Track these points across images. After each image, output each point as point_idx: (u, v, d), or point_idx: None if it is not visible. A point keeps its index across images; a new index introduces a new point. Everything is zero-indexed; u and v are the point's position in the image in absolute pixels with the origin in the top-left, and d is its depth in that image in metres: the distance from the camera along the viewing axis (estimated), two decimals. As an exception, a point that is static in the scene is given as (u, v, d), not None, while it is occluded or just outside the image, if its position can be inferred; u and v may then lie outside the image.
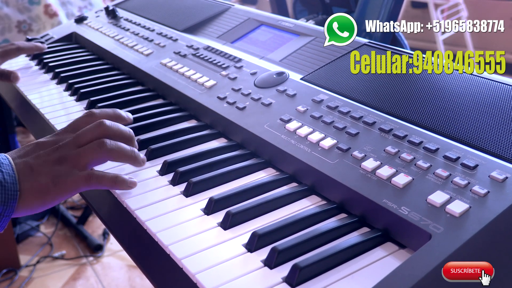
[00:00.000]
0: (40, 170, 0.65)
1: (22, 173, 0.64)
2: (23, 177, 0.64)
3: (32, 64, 1.27)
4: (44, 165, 0.65)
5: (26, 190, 0.63)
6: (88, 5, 2.50)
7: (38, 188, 0.64)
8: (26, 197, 0.63)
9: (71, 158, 0.67)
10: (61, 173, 0.65)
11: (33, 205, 0.64)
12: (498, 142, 0.63)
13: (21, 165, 0.65)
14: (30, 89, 1.12)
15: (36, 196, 0.64)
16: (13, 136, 1.66)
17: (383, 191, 0.60)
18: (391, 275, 0.50)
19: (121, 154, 0.70)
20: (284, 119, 0.77)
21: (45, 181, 0.64)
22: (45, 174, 0.65)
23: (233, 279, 0.54)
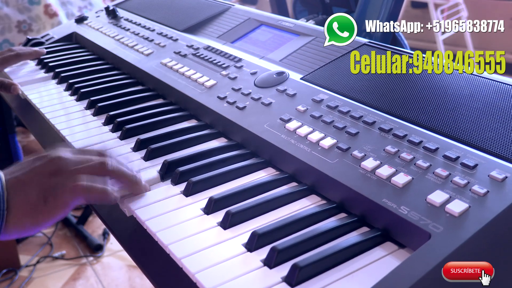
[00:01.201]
0: (31, 183, 0.61)
1: (13, 188, 0.60)
2: (13, 193, 0.60)
3: (32, 64, 1.27)
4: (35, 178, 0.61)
5: (17, 208, 0.59)
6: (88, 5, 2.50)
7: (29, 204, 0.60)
8: (17, 216, 0.59)
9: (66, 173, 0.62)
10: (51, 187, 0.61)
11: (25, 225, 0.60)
12: (497, 141, 0.63)
13: (12, 180, 0.61)
14: (30, 88, 1.12)
15: (27, 215, 0.59)
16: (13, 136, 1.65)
17: (382, 191, 0.60)
18: (391, 274, 0.50)
19: (122, 176, 0.67)
20: (284, 118, 0.77)
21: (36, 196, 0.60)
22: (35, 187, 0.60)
23: (233, 278, 0.54)
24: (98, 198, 0.64)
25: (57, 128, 0.92)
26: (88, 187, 0.62)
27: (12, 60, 1.17)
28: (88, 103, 1.00)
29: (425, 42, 3.56)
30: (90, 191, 0.63)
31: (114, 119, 0.91)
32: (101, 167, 0.65)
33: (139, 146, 0.83)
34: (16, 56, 1.17)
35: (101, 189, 0.64)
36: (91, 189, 0.63)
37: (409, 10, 3.83)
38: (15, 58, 1.17)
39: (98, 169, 0.65)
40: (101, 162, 0.65)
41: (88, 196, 0.63)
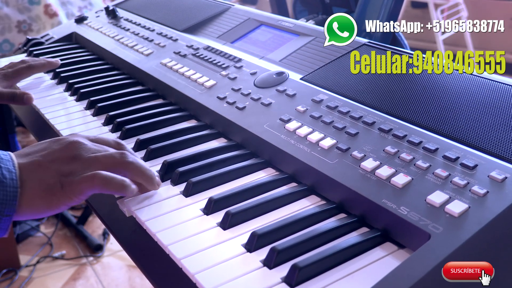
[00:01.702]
0: (48, 166, 0.61)
1: (28, 169, 0.60)
2: (28, 173, 0.60)
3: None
4: (53, 162, 0.61)
5: (31, 188, 0.59)
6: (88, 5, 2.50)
7: (44, 186, 0.59)
8: (31, 196, 0.59)
9: (84, 159, 0.62)
10: (69, 172, 0.61)
11: (38, 206, 0.60)
12: (497, 142, 0.63)
13: (28, 161, 0.61)
14: (30, 89, 1.12)
15: (41, 196, 0.59)
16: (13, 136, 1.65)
17: (382, 191, 0.60)
18: (390, 275, 0.50)
19: (138, 170, 0.66)
20: (284, 119, 0.77)
21: (52, 179, 0.60)
22: (53, 170, 0.60)
23: (233, 279, 0.54)
24: (116, 189, 0.63)
25: (57, 128, 0.92)
26: (107, 178, 0.62)
27: (25, 72, 1.10)
28: (88, 103, 1.00)
29: (425, 42, 3.56)
30: (109, 182, 0.62)
31: (114, 119, 0.91)
32: (121, 158, 0.64)
33: (139, 147, 0.83)
34: (28, 68, 1.10)
35: (120, 180, 0.63)
36: (111, 180, 0.62)
37: (409, 10, 3.83)
38: (27, 70, 1.10)
39: (118, 160, 0.64)
40: (121, 152, 0.65)
41: (107, 187, 0.62)
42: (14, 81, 1.09)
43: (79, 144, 0.64)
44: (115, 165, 0.64)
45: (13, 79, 1.08)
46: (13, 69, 1.09)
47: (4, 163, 0.59)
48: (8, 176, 0.58)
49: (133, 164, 0.65)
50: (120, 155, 0.64)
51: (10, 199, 0.58)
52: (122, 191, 0.64)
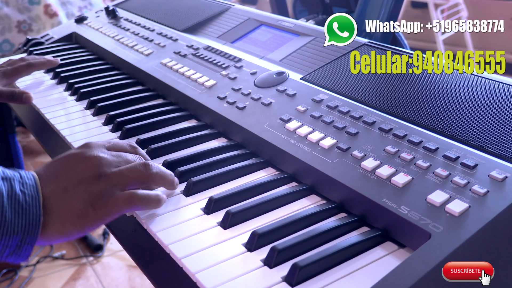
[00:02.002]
0: (76, 190, 0.58)
1: (55, 194, 0.57)
2: (55, 199, 0.57)
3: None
4: (80, 185, 0.58)
5: (60, 215, 0.56)
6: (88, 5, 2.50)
7: (74, 211, 0.57)
8: (61, 222, 0.56)
9: (112, 176, 0.60)
10: (99, 193, 0.59)
11: (70, 231, 0.57)
12: (497, 141, 0.63)
13: (51, 184, 0.58)
14: (30, 88, 1.12)
15: (72, 221, 0.57)
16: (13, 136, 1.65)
17: (382, 191, 0.60)
18: (391, 274, 0.50)
19: (163, 179, 0.65)
20: (284, 118, 0.77)
21: (82, 203, 0.57)
22: (81, 194, 0.58)
23: (233, 278, 0.54)
24: (153, 206, 0.63)
25: (57, 128, 0.92)
26: (145, 197, 0.61)
27: (24, 70, 1.10)
28: (88, 103, 1.00)
29: (425, 42, 3.56)
30: (148, 201, 0.62)
31: (114, 119, 0.91)
32: (147, 171, 0.63)
33: (139, 146, 0.82)
34: (27, 66, 1.09)
35: (155, 197, 0.63)
36: (149, 199, 0.62)
37: (409, 10, 3.83)
38: (26, 68, 1.09)
39: (144, 174, 0.63)
40: (144, 164, 0.63)
41: (146, 206, 0.62)
42: (13, 79, 1.09)
43: (99, 160, 0.61)
44: (142, 178, 0.63)
45: (12, 77, 1.08)
46: (12, 66, 1.08)
47: (28, 188, 0.56)
48: (31, 203, 0.55)
49: (158, 174, 0.64)
50: (145, 167, 0.63)
51: (32, 228, 0.55)
52: (158, 206, 0.64)
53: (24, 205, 0.55)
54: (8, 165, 0.64)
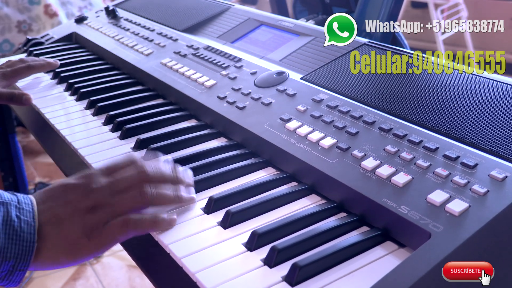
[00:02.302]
0: (70, 221, 0.57)
1: (48, 223, 0.56)
2: (49, 228, 0.56)
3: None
4: (74, 215, 0.57)
5: (53, 244, 0.56)
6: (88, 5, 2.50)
7: (68, 242, 0.56)
8: (54, 251, 0.56)
9: (107, 206, 0.59)
10: (94, 224, 0.57)
11: (62, 260, 0.56)
12: (497, 141, 0.63)
13: (46, 213, 0.57)
14: (29, 88, 1.12)
15: (65, 251, 0.56)
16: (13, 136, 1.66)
17: (382, 190, 0.60)
18: (391, 274, 0.50)
19: (164, 201, 0.62)
20: (284, 118, 0.77)
21: (76, 234, 0.56)
22: (75, 225, 0.57)
23: (233, 278, 0.54)
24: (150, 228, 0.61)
25: (57, 128, 0.92)
26: (137, 221, 0.59)
27: (24, 72, 1.09)
28: (88, 103, 1.00)
29: (425, 42, 3.56)
30: (140, 225, 0.60)
31: (114, 119, 0.91)
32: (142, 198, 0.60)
33: (139, 146, 0.83)
34: (27, 68, 1.09)
35: (150, 220, 0.61)
36: (141, 222, 0.60)
37: (409, 10, 3.83)
38: (26, 70, 1.09)
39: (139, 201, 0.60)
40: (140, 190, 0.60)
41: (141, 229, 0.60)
42: (13, 80, 1.08)
43: (95, 190, 0.60)
44: (139, 205, 0.60)
45: (12, 78, 1.07)
46: (12, 68, 1.08)
47: (24, 214, 0.56)
48: (26, 230, 0.55)
49: (156, 198, 0.61)
50: (140, 193, 0.60)
51: (25, 254, 0.54)
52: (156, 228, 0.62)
53: (18, 231, 0.54)
54: (8, 165, 0.63)
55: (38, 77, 1.18)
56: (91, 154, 0.82)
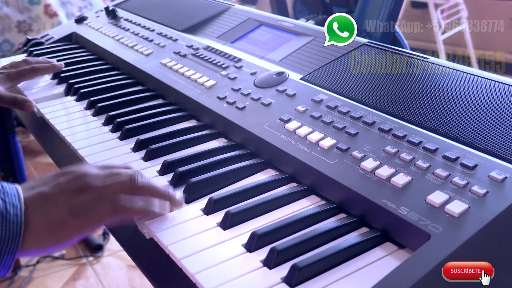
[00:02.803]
0: (56, 200, 0.56)
1: (34, 204, 0.56)
2: (34, 208, 0.55)
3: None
4: (61, 195, 0.57)
5: (37, 224, 0.55)
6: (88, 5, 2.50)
7: (52, 221, 0.55)
8: (37, 232, 0.55)
9: (95, 189, 0.59)
10: (81, 203, 0.57)
11: (46, 242, 0.55)
12: (497, 142, 0.63)
13: (34, 195, 0.57)
14: (30, 88, 1.12)
15: (49, 231, 0.55)
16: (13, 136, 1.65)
17: (382, 191, 0.60)
18: (390, 275, 0.50)
19: (152, 190, 0.63)
20: (284, 119, 0.77)
21: (61, 213, 0.56)
22: (62, 204, 0.56)
23: (233, 279, 0.54)
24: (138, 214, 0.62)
25: (57, 129, 0.92)
26: (127, 207, 0.60)
27: (28, 74, 1.08)
28: (88, 103, 1.00)
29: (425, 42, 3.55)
30: (129, 210, 0.60)
31: (114, 119, 0.91)
32: (132, 183, 0.61)
33: (139, 147, 0.83)
34: (31, 70, 1.08)
35: (140, 208, 0.61)
36: (131, 208, 0.60)
37: (409, 10, 3.83)
38: (30, 72, 1.08)
39: (128, 185, 0.61)
40: (131, 176, 0.61)
41: (126, 216, 0.60)
42: (17, 82, 1.08)
43: (85, 176, 0.60)
44: (127, 191, 0.61)
45: (16, 80, 1.07)
46: (16, 69, 1.07)
47: (10, 197, 0.55)
48: (12, 212, 0.54)
49: (145, 187, 0.62)
50: (130, 179, 0.61)
51: (13, 237, 0.53)
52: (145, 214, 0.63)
53: (4, 213, 0.53)
54: (8, 165, 0.63)
55: (38, 77, 1.18)
56: (91, 154, 0.82)
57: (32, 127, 1.05)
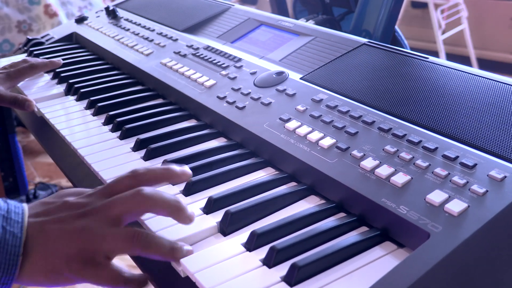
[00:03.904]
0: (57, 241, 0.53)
1: (35, 238, 0.53)
2: (35, 244, 0.52)
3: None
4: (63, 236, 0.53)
5: (35, 263, 0.52)
6: (88, 5, 2.50)
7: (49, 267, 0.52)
8: (34, 271, 0.52)
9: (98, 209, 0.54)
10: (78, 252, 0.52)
11: (41, 282, 0.53)
12: (497, 141, 0.63)
13: (38, 229, 0.53)
14: (30, 88, 1.12)
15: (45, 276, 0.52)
16: (13, 136, 1.66)
17: (382, 190, 0.60)
18: (390, 274, 0.50)
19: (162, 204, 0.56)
20: (284, 118, 0.77)
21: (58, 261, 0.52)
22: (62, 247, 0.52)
23: (232, 278, 0.54)
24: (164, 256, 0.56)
25: (57, 128, 0.92)
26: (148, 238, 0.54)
27: (27, 72, 1.09)
28: (88, 103, 1.00)
29: (425, 42, 3.55)
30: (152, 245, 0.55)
31: (113, 119, 0.91)
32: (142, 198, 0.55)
33: (138, 146, 0.83)
34: (30, 67, 1.08)
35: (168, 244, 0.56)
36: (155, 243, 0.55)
37: (409, 10, 3.83)
38: (29, 69, 1.09)
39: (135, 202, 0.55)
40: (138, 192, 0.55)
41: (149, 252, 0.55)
42: (17, 81, 1.09)
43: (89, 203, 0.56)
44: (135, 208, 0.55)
45: (16, 79, 1.07)
46: (15, 68, 1.08)
47: (12, 224, 0.52)
48: (11, 242, 0.51)
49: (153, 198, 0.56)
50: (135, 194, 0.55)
51: (9, 267, 0.51)
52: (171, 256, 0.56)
53: (2, 242, 0.51)
54: (8, 165, 0.63)
55: (38, 77, 1.18)
56: (91, 154, 0.82)
57: (32, 127, 1.05)
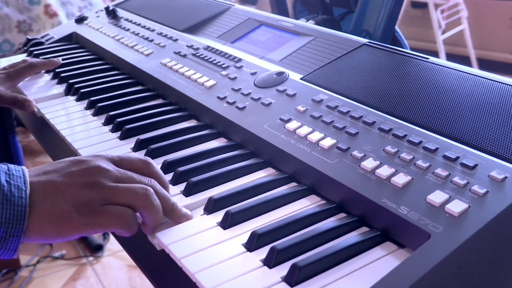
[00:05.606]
0: (64, 191, 0.56)
1: (42, 190, 0.55)
2: (41, 195, 0.55)
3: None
4: (71, 187, 0.56)
5: (42, 211, 0.54)
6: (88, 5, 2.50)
7: (57, 212, 0.55)
8: (40, 220, 0.54)
9: (105, 189, 0.57)
10: (88, 201, 0.56)
11: (47, 231, 0.55)
12: (497, 141, 0.63)
13: (43, 181, 0.56)
14: (30, 88, 1.12)
15: (52, 222, 0.54)
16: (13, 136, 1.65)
17: (382, 191, 0.60)
18: (390, 274, 0.50)
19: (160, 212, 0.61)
20: (284, 119, 0.77)
21: (67, 207, 0.55)
22: (69, 197, 0.55)
23: (232, 278, 0.54)
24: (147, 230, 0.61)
25: (57, 128, 0.92)
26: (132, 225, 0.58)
27: (26, 71, 1.09)
28: (88, 103, 1.00)
29: (425, 42, 3.55)
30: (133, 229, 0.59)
31: (114, 119, 0.91)
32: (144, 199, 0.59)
33: (139, 146, 0.83)
34: (29, 67, 1.09)
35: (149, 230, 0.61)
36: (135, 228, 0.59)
37: (409, 10, 3.83)
38: (28, 69, 1.09)
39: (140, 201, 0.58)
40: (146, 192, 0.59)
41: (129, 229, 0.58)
42: (17, 81, 1.09)
43: (100, 170, 0.59)
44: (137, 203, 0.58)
45: (15, 79, 1.08)
46: (15, 68, 1.08)
47: (15, 179, 0.54)
48: (16, 194, 0.53)
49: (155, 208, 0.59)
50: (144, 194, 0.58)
51: (17, 219, 0.53)
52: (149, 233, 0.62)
53: (8, 195, 0.52)
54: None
55: (38, 77, 1.18)
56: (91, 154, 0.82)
57: (32, 127, 1.05)
